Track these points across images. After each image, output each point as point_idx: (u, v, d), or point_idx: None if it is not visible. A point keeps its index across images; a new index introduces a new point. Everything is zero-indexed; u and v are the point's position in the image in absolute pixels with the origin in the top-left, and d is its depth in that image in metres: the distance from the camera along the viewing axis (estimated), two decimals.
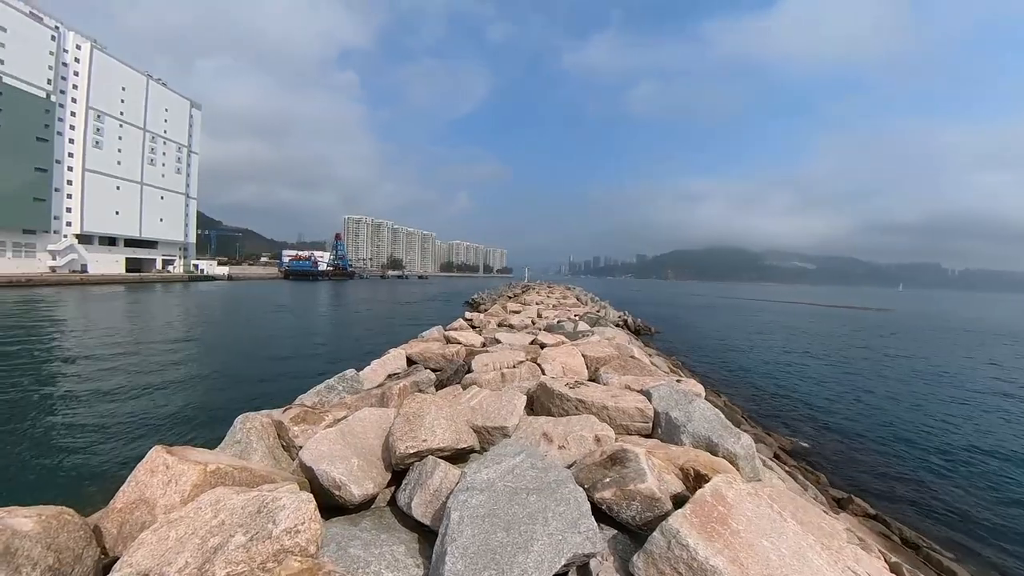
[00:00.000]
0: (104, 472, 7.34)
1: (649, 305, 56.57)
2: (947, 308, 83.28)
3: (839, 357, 22.42)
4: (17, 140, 66.71)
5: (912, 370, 19.57)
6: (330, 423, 3.35)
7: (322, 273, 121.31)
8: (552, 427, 3.32)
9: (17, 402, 11.08)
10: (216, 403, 11.06)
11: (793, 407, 13.16)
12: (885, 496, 7.76)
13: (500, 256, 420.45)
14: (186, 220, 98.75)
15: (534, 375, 4.87)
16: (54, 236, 72.53)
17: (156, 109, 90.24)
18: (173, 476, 2.53)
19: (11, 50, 65.75)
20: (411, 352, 6.27)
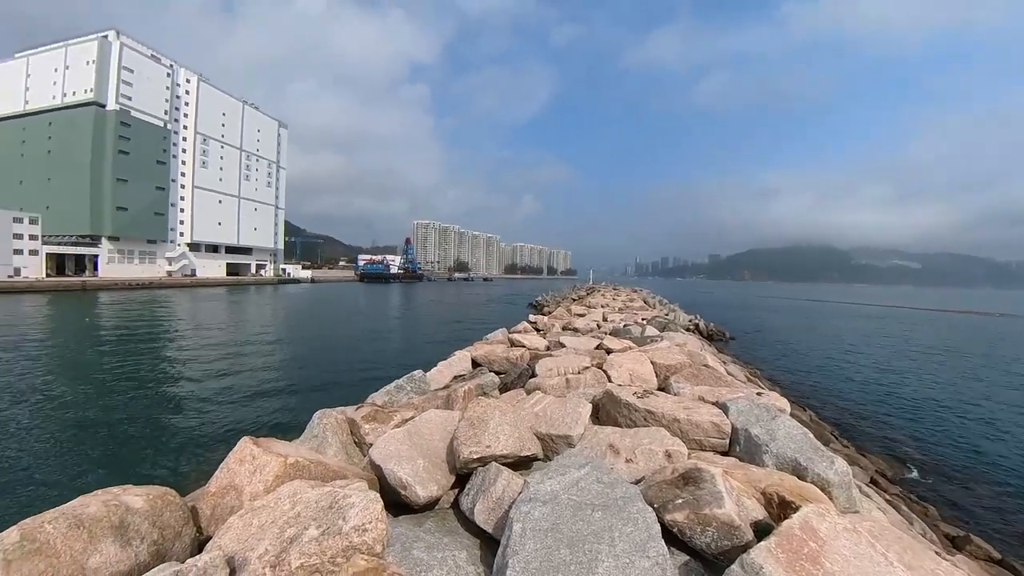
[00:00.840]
0: (198, 456, 8.21)
1: (722, 308, 53.19)
2: None
3: (951, 370, 19.58)
4: (143, 165, 78.07)
5: None
6: (398, 423, 3.45)
7: (393, 276, 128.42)
8: (619, 439, 3.17)
9: (134, 390, 12.76)
10: (296, 396, 11.99)
11: (892, 426, 11.67)
12: (1013, 536, 6.60)
13: (564, 258, 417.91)
14: (275, 228, 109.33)
15: (599, 382, 4.71)
16: (170, 245, 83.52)
17: (250, 130, 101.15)
18: (258, 466, 2.72)
19: (137, 88, 77.36)
20: (476, 354, 6.35)
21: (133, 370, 15.20)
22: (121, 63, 74.84)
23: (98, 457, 8.25)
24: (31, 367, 15.01)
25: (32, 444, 8.63)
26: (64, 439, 9.02)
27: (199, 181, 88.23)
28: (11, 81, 79.11)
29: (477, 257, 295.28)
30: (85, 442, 8.95)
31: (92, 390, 12.59)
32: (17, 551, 2.02)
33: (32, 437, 8.96)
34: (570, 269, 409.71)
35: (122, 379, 13.94)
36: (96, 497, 2.39)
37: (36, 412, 10.48)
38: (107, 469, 7.66)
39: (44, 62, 77.33)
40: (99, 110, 73.12)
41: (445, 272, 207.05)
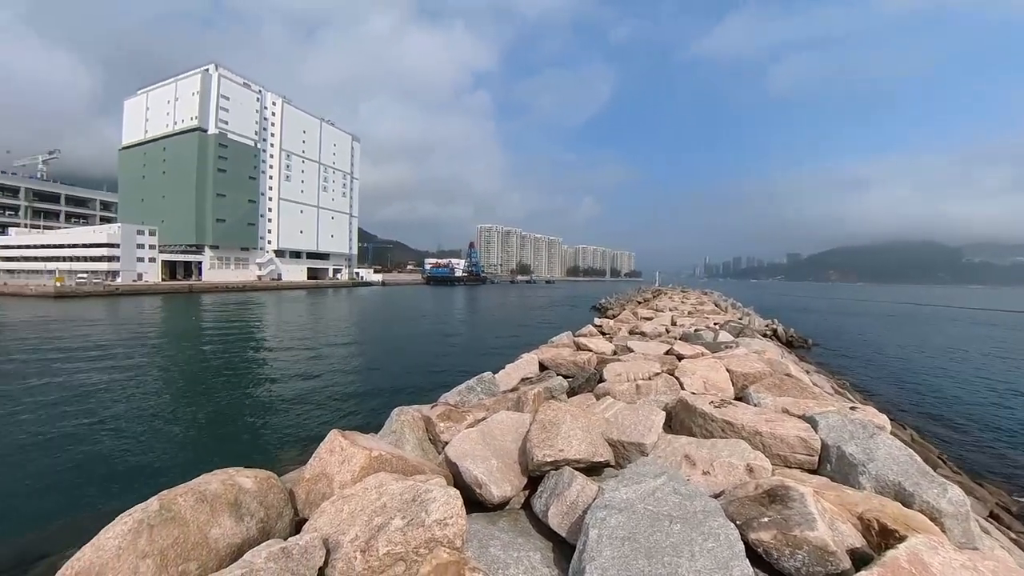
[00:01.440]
0: (287, 443, 8.99)
1: (803, 313, 48.93)
2: None
3: None
4: (238, 181, 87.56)
5: None
6: (471, 423, 3.58)
7: (458, 278, 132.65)
8: (695, 450, 3.05)
9: (232, 380, 14.25)
10: (372, 392, 12.75)
11: (1017, 453, 10.08)
12: None
13: (628, 259, 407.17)
14: (350, 235, 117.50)
15: (671, 389, 4.55)
16: (259, 252, 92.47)
17: (327, 145, 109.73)
18: (346, 457, 2.95)
19: (232, 113, 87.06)
20: (543, 357, 6.39)
21: (231, 364, 17.01)
22: (219, 92, 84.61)
23: (208, 439, 9.34)
24: (151, 360, 17.30)
25: (154, 425, 9.96)
26: (179, 421, 10.34)
27: (284, 193, 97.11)
28: (134, 114, 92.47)
29: (539, 259, 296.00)
30: (195, 425, 10.21)
31: (199, 380, 14.28)
32: (157, 518, 2.35)
33: (154, 419, 10.33)
34: (634, 271, 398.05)
35: (222, 372, 15.65)
36: (216, 476, 2.73)
37: (157, 398, 12.08)
38: (215, 450, 8.66)
39: (159, 96, 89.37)
40: (202, 134, 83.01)
41: (508, 275, 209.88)
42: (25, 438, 9.00)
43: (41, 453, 8.36)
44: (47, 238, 74.61)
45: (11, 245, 75.38)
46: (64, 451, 8.47)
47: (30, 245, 74.04)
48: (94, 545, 2.25)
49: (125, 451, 8.59)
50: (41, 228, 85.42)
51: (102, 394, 12.22)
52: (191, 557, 2.36)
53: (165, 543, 2.30)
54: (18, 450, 8.42)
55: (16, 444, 8.72)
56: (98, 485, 7.23)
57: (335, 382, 14.08)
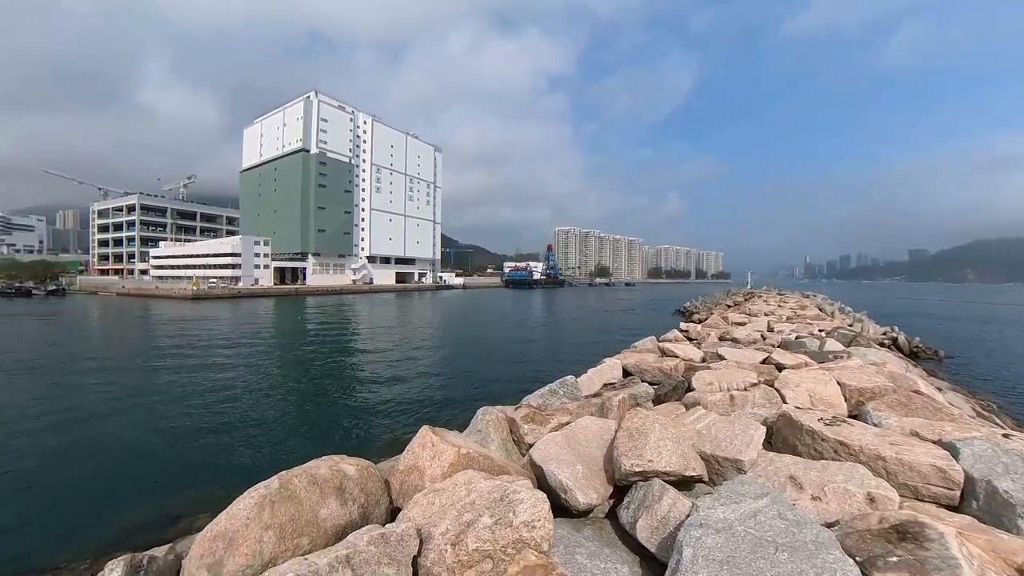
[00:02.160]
0: (379, 435, 9.65)
1: (931, 319, 42.15)
2: None
3: None
4: (335, 195, 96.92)
5: None
6: (555, 426, 3.58)
7: (536, 281, 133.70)
8: (802, 471, 2.76)
9: (331, 374, 15.64)
10: (455, 391, 13.26)
11: None
12: None
13: (715, 260, 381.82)
14: (433, 241, 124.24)
15: (771, 402, 4.16)
16: (354, 259, 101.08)
17: (412, 157, 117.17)
18: (437, 453, 3.10)
19: (330, 134, 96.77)
20: (627, 363, 6.18)
21: (330, 359, 18.73)
22: (319, 116, 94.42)
23: (309, 426, 10.38)
24: (266, 353, 19.66)
25: (267, 409, 11.32)
26: (286, 408, 11.66)
27: (374, 204, 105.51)
28: (251, 141, 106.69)
29: (618, 261, 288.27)
30: (300, 412, 11.44)
31: (303, 373, 15.94)
32: (277, 495, 2.65)
33: (267, 404, 11.72)
34: (722, 272, 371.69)
35: (322, 366, 17.29)
36: (324, 462, 3.01)
37: (269, 386, 13.71)
38: (316, 436, 9.58)
39: (270, 123, 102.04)
40: (305, 155, 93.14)
41: (586, 277, 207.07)
42: (160, 418, 10.70)
43: (174, 430, 9.90)
44: (186, 249, 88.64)
45: (161, 256, 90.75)
46: (194, 428, 9.95)
47: (174, 255, 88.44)
48: (228, 514, 2.60)
49: (246, 430, 9.86)
50: (182, 241, 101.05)
51: (227, 381, 14.16)
52: (304, 533, 2.63)
53: (283, 518, 2.59)
54: (155, 429, 10.03)
55: (153, 422, 10.42)
56: (224, 460, 8.37)
57: (420, 379, 14.89)
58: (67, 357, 18.69)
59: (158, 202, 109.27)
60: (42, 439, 9.28)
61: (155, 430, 9.90)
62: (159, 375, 15.23)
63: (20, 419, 10.46)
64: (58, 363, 17.36)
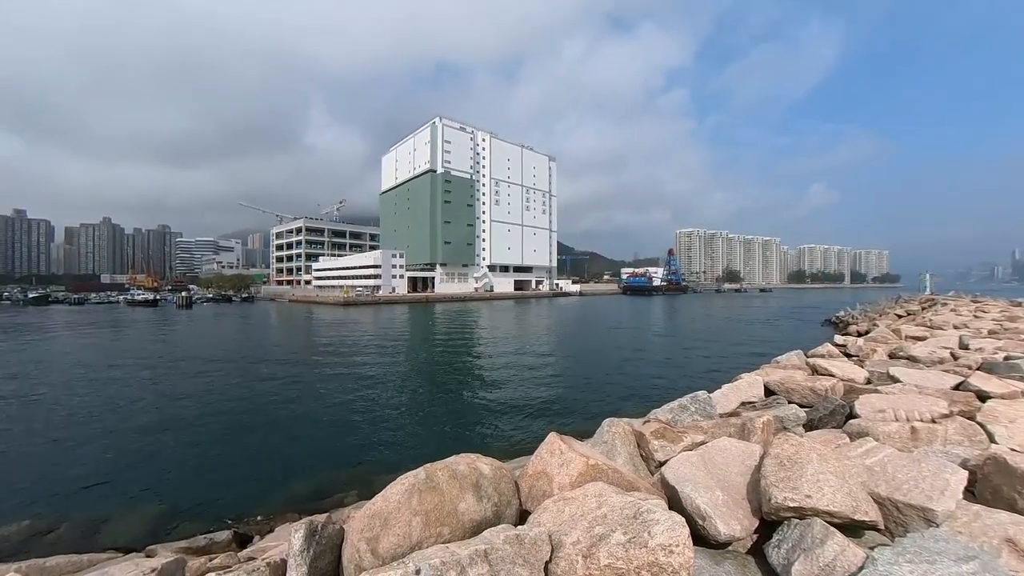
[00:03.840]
0: (503, 437, 10.04)
1: None
2: None
3: None
4: (459, 209, 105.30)
5: None
6: (688, 445, 3.36)
7: (656, 288, 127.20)
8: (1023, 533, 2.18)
9: (457, 377, 16.80)
10: (576, 399, 13.25)
11: None
12: None
13: (877, 259, 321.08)
14: (550, 249, 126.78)
15: (972, 439, 3.33)
16: (476, 268, 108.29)
17: (527, 168, 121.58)
18: (565, 461, 3.14)
19: (453, 154, 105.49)
20: (769, 380, 5.50)
21: (456, 361, 20.24)
22: (443, 139, 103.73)
23: (441, 423, 11.32)
24: (404, 354, 22.04)
25: (406, 405, 12.68)
26: (421, 404, 12.96)
27: (494, 216, 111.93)
28: (388, 166, 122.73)
29: (751, 264, 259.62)
30: (433, 409, 12.57)
31: (435, 373, 17.53)
32: (424, 485, 2.94)
33: (406, 401, 13.17)
34: (887, 274, 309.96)
35: (450, 368, 18.78)
36: (463, 459, 3.26)
37: (406, 384, 15.39)
38: (448, 435, 10.40)
39: (403, 150, 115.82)
40: (432, 175, 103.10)
41: (713, 282, 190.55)
42: (321, 407, 12.62)
43: (329, 417, 11.63)
44: (338, 263, 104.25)
45: (320, 269, 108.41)
46: (346, 416, 11.59)
47: (330, 268, 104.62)
48: (384, 496, 2.95)
49: (387, 422, 11.20)
50: (336, 256, 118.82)
51: (371, 377, 16.33)
52: (445, 523, 2.87)
53: (429, 506, 2.86)
54: (317, 413, 11.88)
55: (313, 408, 12.37)
56: (370, 446, 9.62)
57: (540, 384, 15.21)
58: (257, 348, 23.64)
59: (318, 224, 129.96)
60: (232, 414, 11.85)
61: (316, 414, 11.88)
62: (321, 368, 18.16)
63: (222, 400, 13.37)
64: (250, 354, 21.92)
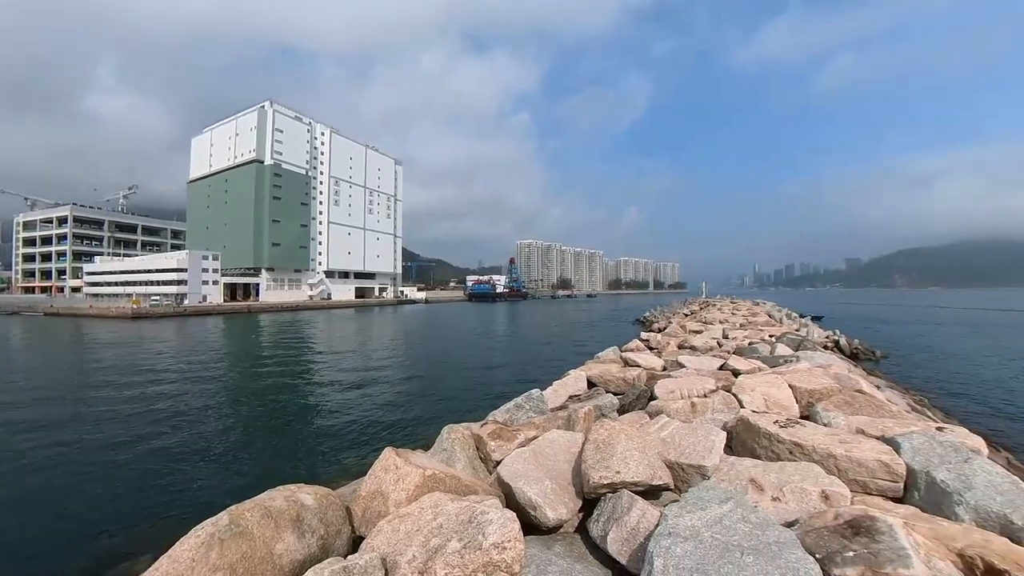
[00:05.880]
0: (340, 459, 9.22)
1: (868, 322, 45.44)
2: None
3: None
4: (291, 207, 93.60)
5: None
6: (522, 442, 3.53)
7: (499, 295, 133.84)
8: (761, 473, 2.86)
9: (287, 396, 14.88)
10: (419, 409, 12.93)
11: None
12: None
13: (672, 270, 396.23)
14: (394, 255, 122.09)
15: (729, 407, 4.31)
16: (311, 273, 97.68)
17: (372, 169, 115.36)
18: (401, 476, 2.98)
19: (286, 145, 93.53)
20: (591, 374, 6.24)
21: (286, 380, 17.83)
22: (274, 126, 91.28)
23: (264, 453, 9.76)
24: (214, 376, 18.46)
25: (218, 438, 10.56)
26: (239, 435, 10.90)
27: (332, 217, 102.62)
28: (201, 150, 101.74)
29: (580, 274, 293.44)
30: (254, 439, 10.72)
31: (257, 396, 15.05)
32: (227, 532, 2.45)
33: (218, 432, 10.95)
34: (679, 282, 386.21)
35: (278, 388, 16.43)
36: (279, 492, 2.83)
37: (220, 413, 12.81)
38: (273, 464, 9.03)
39: (222, 132, 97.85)
40: (259, 166, 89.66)
41: (548, 290, 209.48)
42: (99, 451, 9.78)
43: (115, 464, 9.06)
44: (125, 265, 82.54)
45: (96, 272, 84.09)
46: (138, 461, 9.14)
47: (112, 271, 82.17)
48: (170, 557, 2.37)
49: (194, 462, 9.14)
50: (121, 256, 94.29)
51: (171, 409, 13.13)
52: (257, 572, 2.44)
53: (234, 557, 2.39)
54: (92, 463, 9.16)
55: (91, 456, 9.51)
56: (172, 494, 7.71)
57: (383, 398, 14.42)
58: None
59: (94, 214, 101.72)
60: None
61: (90, 467, 9.02)
62: (91, 405, 13.94)
63: None
64: None
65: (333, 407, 13.37)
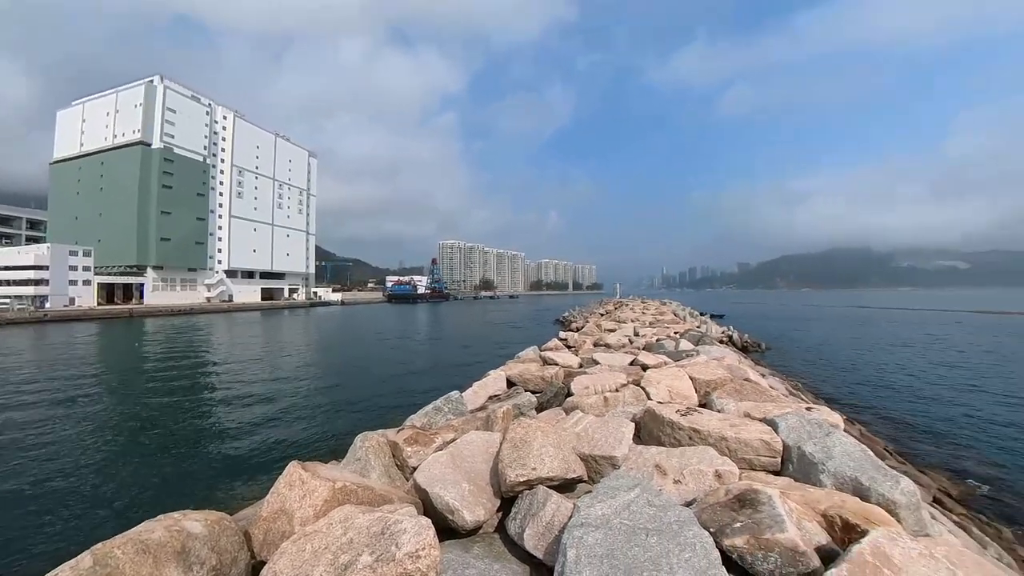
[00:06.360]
0: (244, 478, 8.41)
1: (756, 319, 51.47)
2: None
3: (1010, 378, 18.24)
4: (184, 197, 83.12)
5: None
6: (440, 445, 3.46)
7: (421, 296, 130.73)
8: (665, 459, 3.08)
9: (180, 414, 13.26)
10: (334, 418, 12.21)
11: (951, 440, 10.90)
12: None
13: (590, 272, 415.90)
14: (307, 254, 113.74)
15: (638, 399, 4.61)
16: (209, 272, 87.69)
17: (282, 161, 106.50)
18: (307, 491, 2.77)
19: (179, 127, 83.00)
20: (510, 374, 6.31)
21: (177, 395, 15.84)
22: (165, 104, 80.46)
23: (152, 480, 8.57)
24: (82, 394, 15.85)
25: (90, 468, 9.06)
26: (119, 463, 9.44)
27: (235, 211, 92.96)
28: (68, 126, 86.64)
29: (502, 275, 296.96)
30: (139, 466, 9.34)
31: (141, 416, 13.16)
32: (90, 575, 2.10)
33: (90, 462, 9.41)
34: (596, 283, 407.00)
35: (167, 404, 14.53)
36: (159, 522, 2.48)
37: (91, 438, 11.02)
38: (161, 492, 7.96)
39: (97, 107, 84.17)
40: (145, 149, 78.46)
41: (471, 291, 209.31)
42: None
43: None
44: None
45: None
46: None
47: None
48: None
49: (56, 500, 7.75)
50: None
51: (25, 440, 11.03)
52: None
53: None
54: None
55: None
56: (25, 541, 6.46)
57: (293, 409, 13.37)
58: None
59: None
60: None
61: None
62: None
63: None
64: None
65: (233, 423, 12.12)
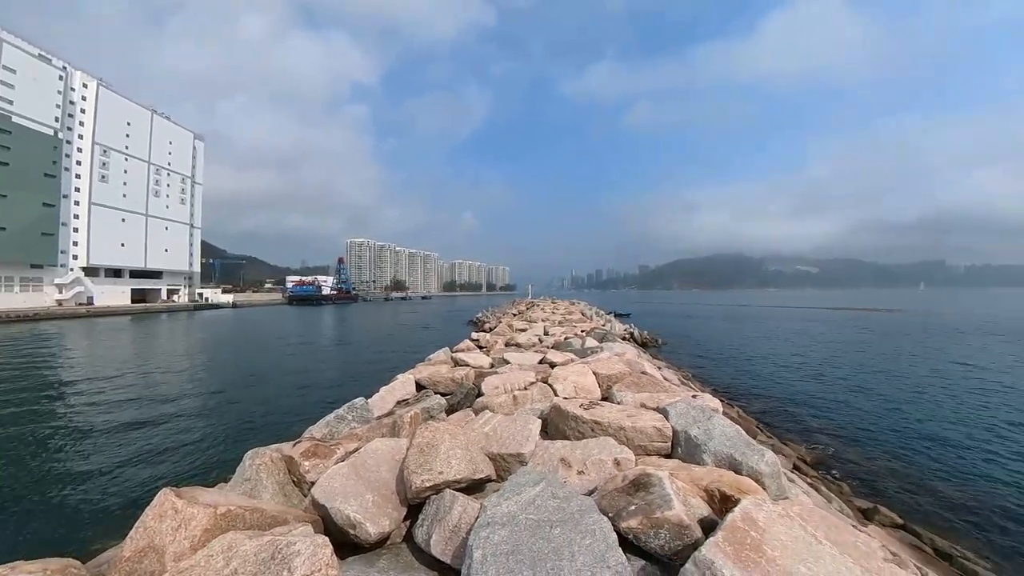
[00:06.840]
0: (109, 516, 7.19)
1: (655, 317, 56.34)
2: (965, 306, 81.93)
3: (850, 361, 22.16)
4: (25, 177, 67.69)
5: (930, 370, 19.32)
6: (341, 456, 3.26)
7: (326, 297, 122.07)
8: (569, 452, 3.22)
9: (17, 444, 10.96)
10: (223, 437, 10.93)
11: (807, 414, 12.94)
12: (911, 504, 7.52)
13: (503, 273, 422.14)
14: (191, 250, 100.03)
15: (546, 396, 4.77)
16: (60, 270, 73.05)
17: (160, 142, 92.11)
18: (183, 521, 2.44)
19: (21, 91, 67.65)
20: (420, 377, 6.16)
21: (18, 424, 13.03)
22: (1, 61, 65.54)
23: None
24: None
25: None
26: None
27: (97, 197, 78.50)
28: None
29: (415, 275, 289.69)
30: None
31: None
32: None
33: None
34: (509, 284, 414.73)
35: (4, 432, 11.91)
36: None
37: None
38: None
39: None
40: None
41: (382, 292, 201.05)
42: None
43: None
44: None
45: None
46: None
47: None
48: None
49: None
50: None
51: None
52: None
53: None
54: None
55: None
56: None
57: (172, 432, 11.68)
58: None
59: None
60: None
61: None
62: None
63: None
64: None
65: (92, 454, 10.21)
